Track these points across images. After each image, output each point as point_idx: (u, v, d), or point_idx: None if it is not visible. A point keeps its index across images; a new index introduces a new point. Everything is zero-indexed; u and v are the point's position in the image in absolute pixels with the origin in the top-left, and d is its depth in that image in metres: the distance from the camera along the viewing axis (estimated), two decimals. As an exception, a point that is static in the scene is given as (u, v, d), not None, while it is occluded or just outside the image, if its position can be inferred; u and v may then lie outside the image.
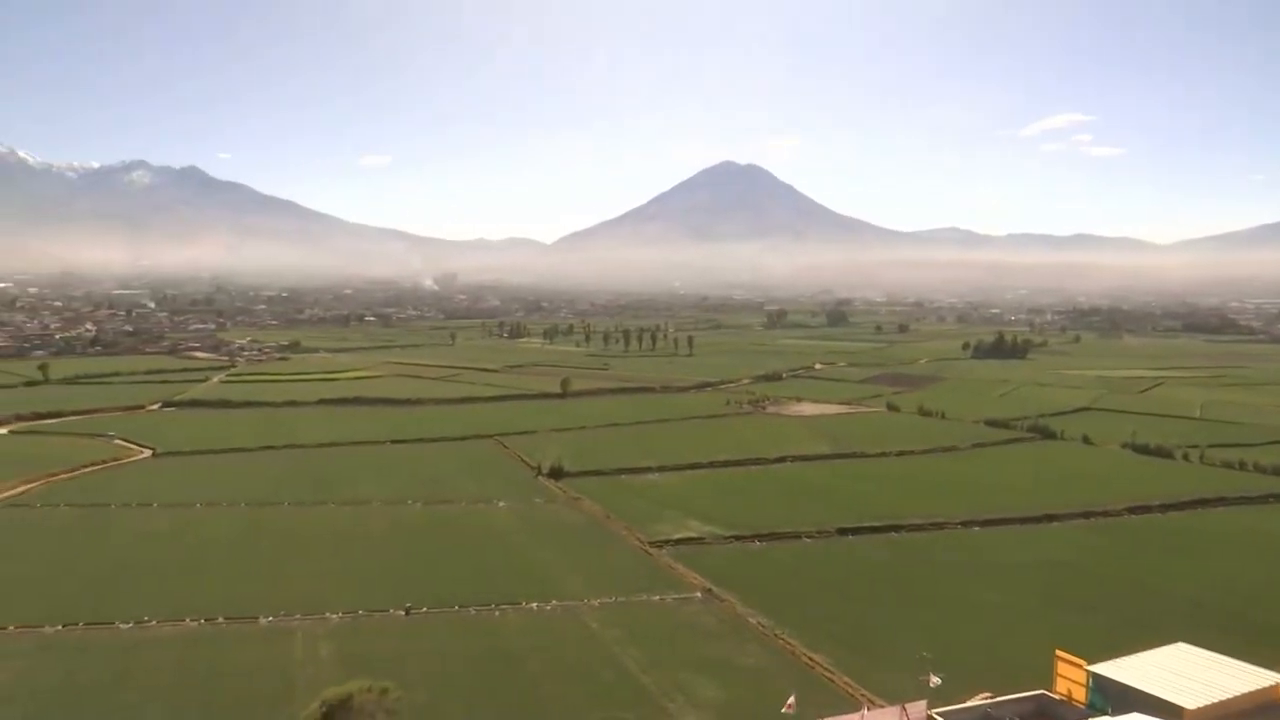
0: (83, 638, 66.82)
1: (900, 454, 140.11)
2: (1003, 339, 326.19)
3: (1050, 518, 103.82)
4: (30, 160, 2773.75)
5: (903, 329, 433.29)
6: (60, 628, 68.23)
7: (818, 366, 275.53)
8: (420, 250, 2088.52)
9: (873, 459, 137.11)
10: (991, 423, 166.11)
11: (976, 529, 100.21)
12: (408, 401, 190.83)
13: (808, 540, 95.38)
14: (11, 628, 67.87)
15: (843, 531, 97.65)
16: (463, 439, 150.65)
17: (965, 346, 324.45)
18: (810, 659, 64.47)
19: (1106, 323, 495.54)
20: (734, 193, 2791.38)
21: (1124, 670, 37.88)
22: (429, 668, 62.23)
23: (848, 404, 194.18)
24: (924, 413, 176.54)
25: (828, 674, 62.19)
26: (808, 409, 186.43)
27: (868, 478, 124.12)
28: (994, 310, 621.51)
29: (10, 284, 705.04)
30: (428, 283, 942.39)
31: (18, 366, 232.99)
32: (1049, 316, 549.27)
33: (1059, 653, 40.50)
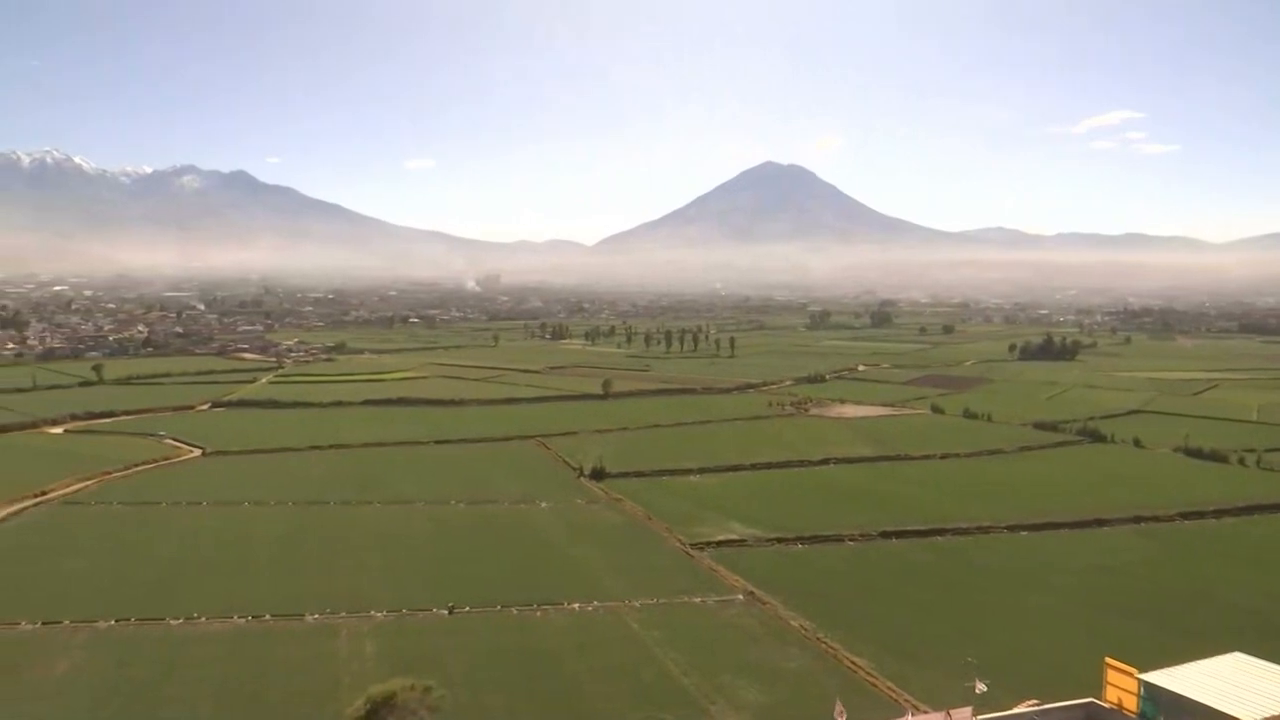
0: (135, 633, 68.31)
1: (945, 457, 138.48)
2: (1051, 340, 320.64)
3: (1100, 522, 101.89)
4: (86, 166, 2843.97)
5: (948, 330, 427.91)
6: (113, 622, 69.81)
7: (861, 368, 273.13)
8: (463, 252, 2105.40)
9: (917, 462, 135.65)
10: (1039, 425, 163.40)
11: (1024, 533, 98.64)
12: (451, 402, 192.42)
13: (850, 543, 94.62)
14: (67, 622, 69.60)
15: (886, 535, 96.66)
16: (505, 439, 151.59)
17: (1012, 348, 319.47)
18: (853, 663, 63.93)
19: (1159, 323, 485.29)
20: (776, 193, 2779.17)
21: (1177, 680, 36.93)
22: (471, 666, 62.72)
23: (891, 406, 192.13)
24: (969, 415, 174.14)
25: (870, 678, 61.62)
26: (850, 411, 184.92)
27: (911, 480, 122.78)
28: (1042, 311, 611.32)
29: (66, 287, 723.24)
30: (470, 284, 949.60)
31: (73, 367, 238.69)
32: (1099, 317, 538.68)
33: (1109, 660, 39.72)
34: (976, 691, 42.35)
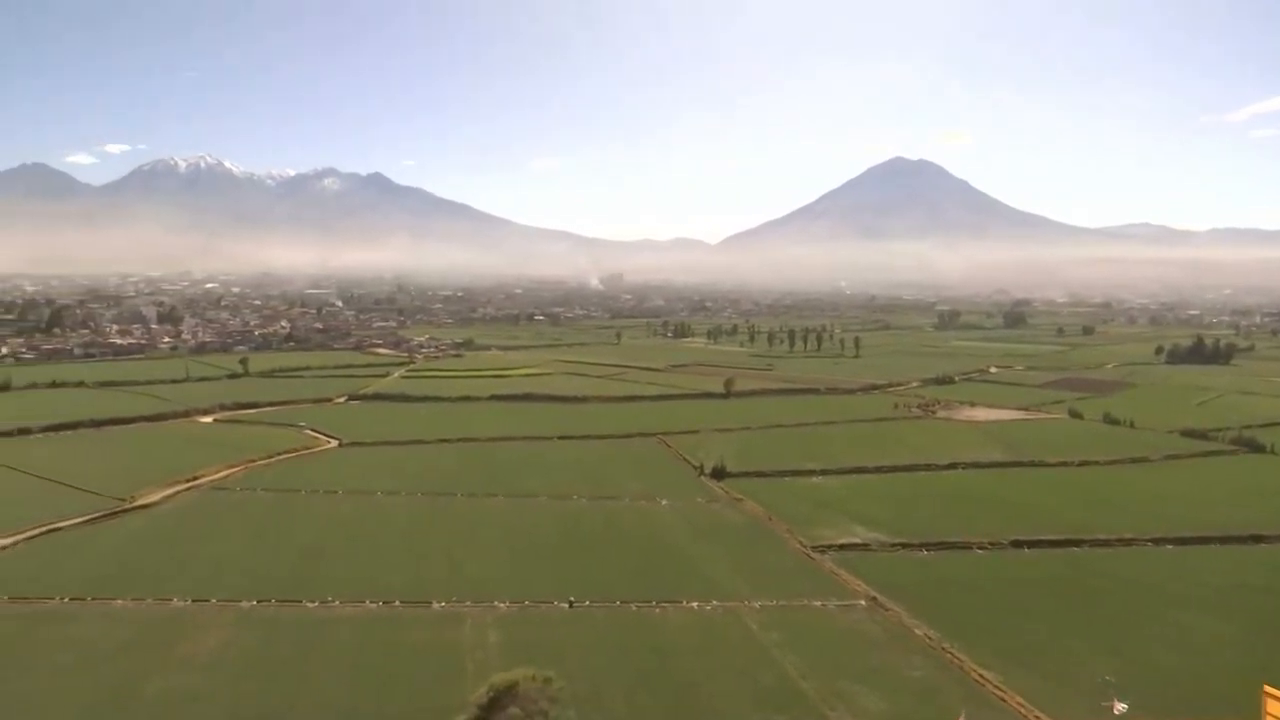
0: (275, 614, 71.96)
1: (1082, 464, 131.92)
2: (1202, 342, 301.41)
3: (1257, 538, 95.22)
4: (236, 171, 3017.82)
5: (1087, 331, 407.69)
6: (255, 603, 73.80)
7: (993, 370, 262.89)
8: (587, 251, 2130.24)
9: (1052, 468, 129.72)
10: (1188, 433, 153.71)
11: (1169, 547, 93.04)
12: (574, 399, 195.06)
13: (979, 551, 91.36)
14: (214, 600, 74.02)
15: (1017, 544, 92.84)
16: (627, 436, 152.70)
17: (1158, 350, 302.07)
18: (980, 675, 61.73)
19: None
20: (904, 189, 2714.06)
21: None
22: (590, 660, 63.47)
23: (1025, 410, 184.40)
24: (1110, 421, 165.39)
25: (998, 692, 59.39)
26: (981, 414, 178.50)
27: (1046, 488, 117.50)
28: (1192, 311, 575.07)
29: (217, 284, 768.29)
30: (594, 282, 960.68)
31: (223, 360, 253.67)
32: (1257, 319, 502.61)
33: (1267, 689, 36.99)
34: (1115, 712, 40.41)
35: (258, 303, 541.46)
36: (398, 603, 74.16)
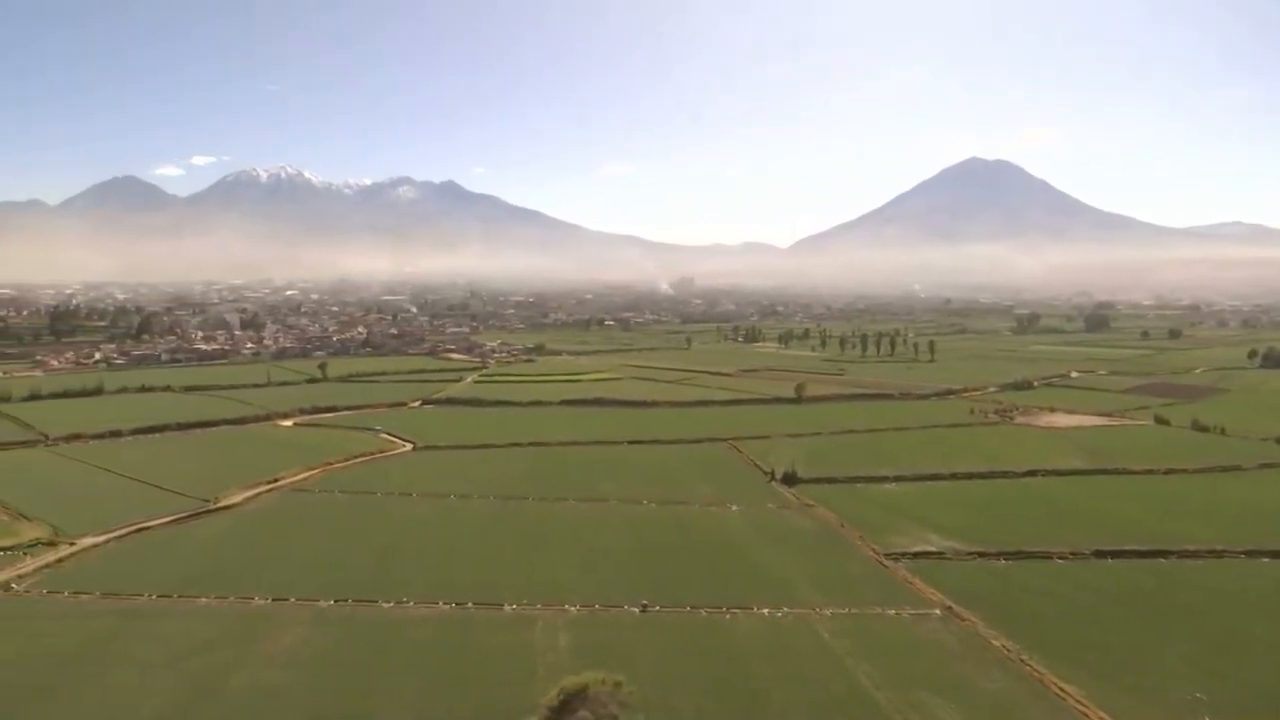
0: (351, 613, 73.45)
1: (1169, 472, 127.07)
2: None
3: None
4: (314, 180, 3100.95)
5: (1174, 334, 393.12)
6: (333, 602, 75.44)
7: (1074, 374, 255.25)
8: (657, 256, 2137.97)
9: (1137, 476, 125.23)
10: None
11: (1265, 560, 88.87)
12: (644, 403, 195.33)
13: (1059, 561, 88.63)
14: (293, 599, 75.89)
15: (1100, 554, 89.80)
16: (697, 441, 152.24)
17: (1252, 354, 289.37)
18: (1061, 689, 59.87)
19: None
20: (981, 191, 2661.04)
21: None
22: (660, 665, 63.30)
23: (1108, 416, 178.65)
24: (1199, 427, 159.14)
25: (1081, 707, 57.54)
26: (1061, 420, 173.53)
27: (1130, 496, 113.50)
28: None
29: (296, 291, 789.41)
30: (664, 287, 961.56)
31: (302, 365, 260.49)
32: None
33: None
34: (1206, 731, 38.71)
35: (335, 309, 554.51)
36: (470, 604, 75.05)
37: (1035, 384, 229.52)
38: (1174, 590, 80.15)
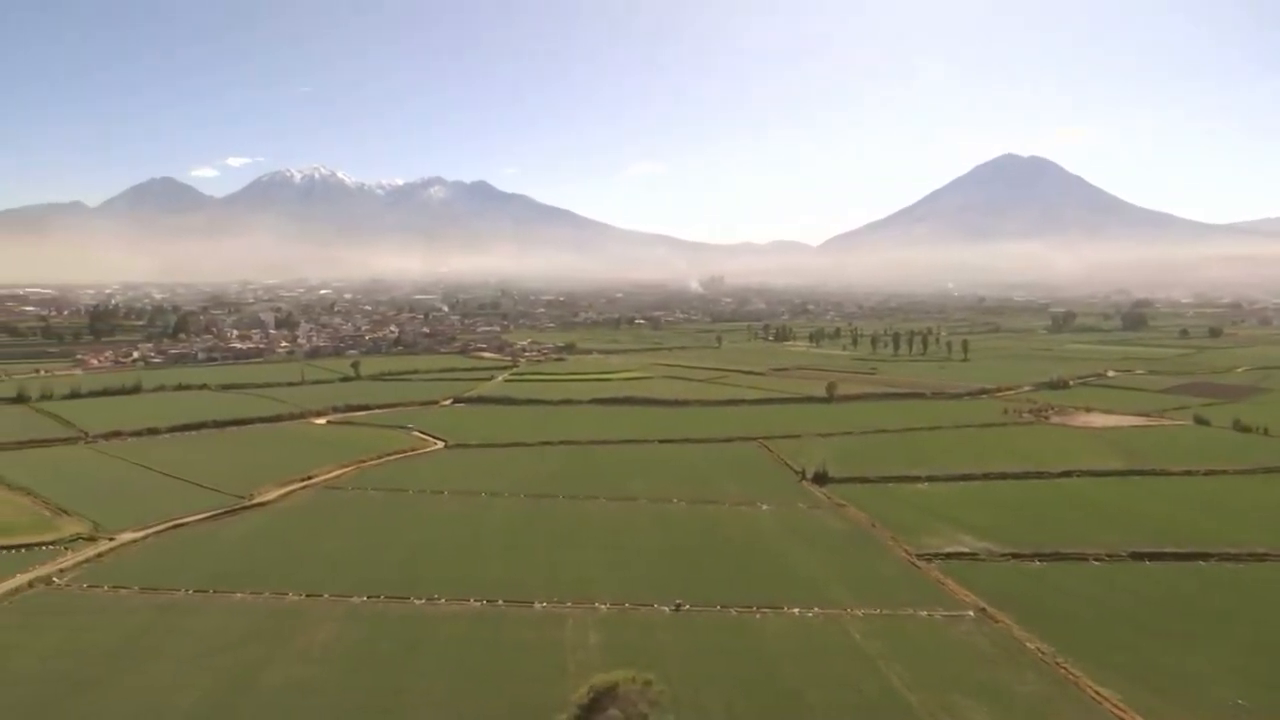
0: (383, 609, 74.03)
1: (1209, 473, 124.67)
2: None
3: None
4: (347, 181, 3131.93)
5: (1214, 333, 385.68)
6: (365, 599, 76.10)
7: (1111, 374, 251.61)
8: (687, 255, 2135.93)
9: (1175, 478, 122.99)
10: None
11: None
12: (674, 402, 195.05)
13: (1095, 563, 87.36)
14: (326, 595, 76.64)
15: (1137, 556, 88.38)
16: (727, 440, 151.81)
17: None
18: (1098, 693, 59.01)
19: None
20: (1015, 188, 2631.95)
21: None
22: (690, 664, 63.15)
23: (1146, 416, 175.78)
24: (1241, 428, 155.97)
25: (1118, 711, 56.71)
26: (1098, 420, 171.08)
27: (1169, 498, 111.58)
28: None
29: (329, 290, 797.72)
30: (694, 286, 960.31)
31: (336, 364, 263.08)
32: None
33: None
34: (1247, 737, 37.96)
35: (368, 308, 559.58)
36: (501, 601, 75.34)
37: (1071, 383, 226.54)
38: (1214, 593, 78.73)
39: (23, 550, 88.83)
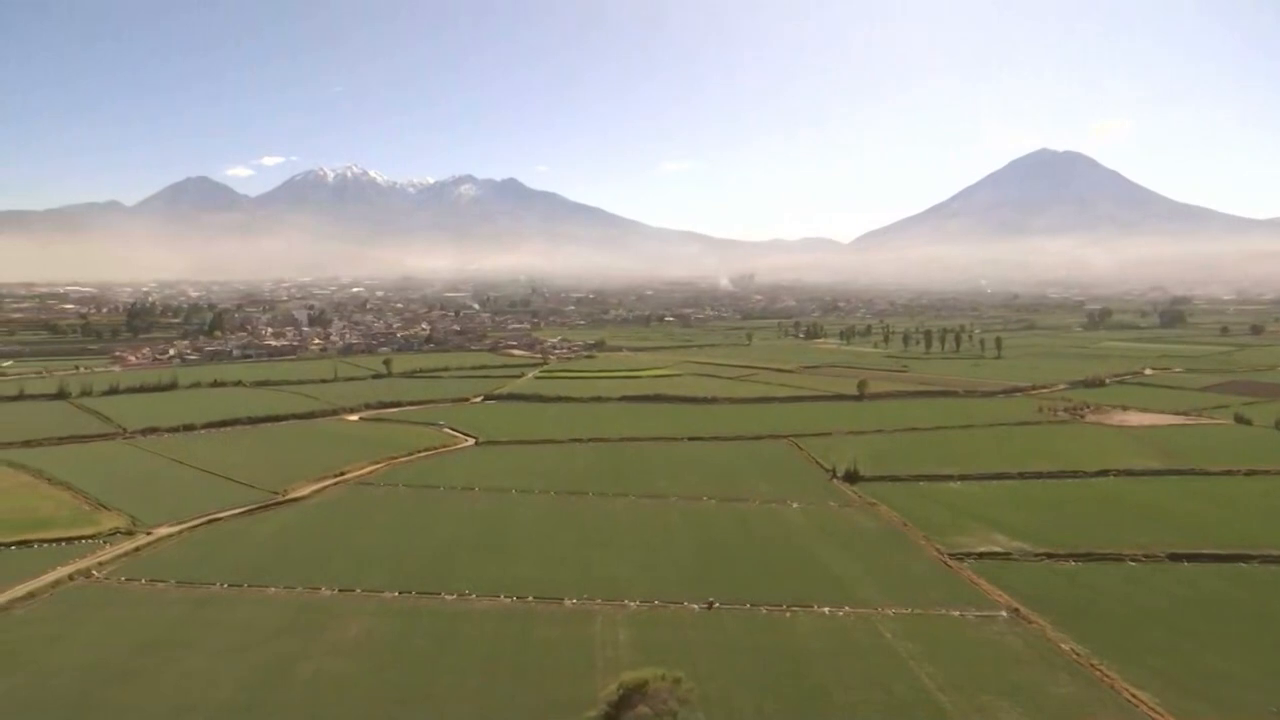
0: (415, 605, 74.62)
1: (1250, 473, 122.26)
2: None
3: None
4: (379, 179, 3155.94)
5: (1256, 330, 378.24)
6: (397, 594, 76.76)
7: (1148, 372, 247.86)
8: (717, 252, 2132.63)
9: (1216, 478, 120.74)
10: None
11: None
12: (704, 400, 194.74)
13: (1132, 563, 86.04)
14: (359, 590, 77.38)
15: (1175, 557, 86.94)
16: (757, 438, 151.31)
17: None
18: (1133, 696, 58.16)
19: None
20: (1050, 183, 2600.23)
21: None
22: (720, 662, 63.03)
23: (1184, 414, 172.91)
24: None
25: (1154, 715, 55.86)
26: (1135, 419, 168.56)
27: (1208, 498, 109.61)
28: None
29: (362, 288, 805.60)
30: (724, 283, 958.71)
31: (368, 361, 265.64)
32: None
33: None
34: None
35: (399, 306, 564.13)
36: (530, 598, 75.64)
37: (1107, 381, 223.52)
38: (1254, 596, 77.29)
39: (63, 544, 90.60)
